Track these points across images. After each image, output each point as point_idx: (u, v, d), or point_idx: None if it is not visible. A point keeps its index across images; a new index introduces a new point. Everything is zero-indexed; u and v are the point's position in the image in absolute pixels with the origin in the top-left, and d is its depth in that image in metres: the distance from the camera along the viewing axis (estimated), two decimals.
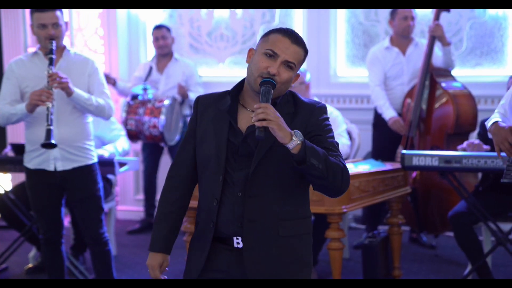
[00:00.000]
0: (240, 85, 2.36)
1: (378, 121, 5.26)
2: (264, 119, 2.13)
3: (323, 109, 2.35)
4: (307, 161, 2.15)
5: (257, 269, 2.29)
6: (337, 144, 2.33)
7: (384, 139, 5.24)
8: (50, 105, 3.51)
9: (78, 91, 3.65)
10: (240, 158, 2.29)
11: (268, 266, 2.29)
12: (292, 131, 2.16)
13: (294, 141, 2.14)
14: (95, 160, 3.87)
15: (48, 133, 3.48)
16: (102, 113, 3.77)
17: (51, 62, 3.60)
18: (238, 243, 2.31)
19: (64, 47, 3.77)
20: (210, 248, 2.34)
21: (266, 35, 2.31)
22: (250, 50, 2.35)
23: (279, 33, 2.28)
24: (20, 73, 3.71)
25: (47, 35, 3.63)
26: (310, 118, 2.31)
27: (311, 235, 2.38)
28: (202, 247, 2.36)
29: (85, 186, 3.78)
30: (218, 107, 2.34)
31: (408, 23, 5.17)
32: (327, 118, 2.35)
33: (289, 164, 2.22)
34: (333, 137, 2.33)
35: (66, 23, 3.74)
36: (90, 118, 3.85)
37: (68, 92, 3.61)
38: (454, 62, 5.13)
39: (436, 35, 5.01)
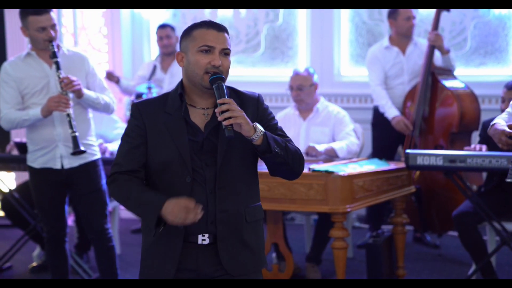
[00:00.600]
0: (181, 87, 2.37)
1: (378, 120, 5.26)
2: (230, 117, 2.19)
3: (262, 98, 2.44)
4: (272, 151, 2.25)
5: (231, 257, 2.34)
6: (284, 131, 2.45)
7: (384, 139, 5.24)
8: (70, 111, 3.54)
9: (87, 92, 3.67)
10: (205, 156, 2.32)
11: (240, 252, 2.36)
12: (254, 124, 2.24)
13: (257, 133, 2.23)
14: (99, 155, 3.89)
15: (75, 140, 3.53)
16: (107, 109, 3.82)
17: (58, 66, 3.60)
18: (203, 239, 2.33)
19: (58, 45, 3.76)
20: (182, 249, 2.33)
21: (188, 34, 2.33)
22: (178, 54, 2.36)
23: (202, 27, 2.31)
24: (17, 75, 3.69)
25: (47, 38, 3.62)
26: (258, 108, 2.40)
27: (262, 219, 2.48)
28: (171, 249, 2.33)
29: (91, 181, 3.79)
30: (165, 111, 2.34)
31: (411, 23, 5.17)
32: (267, 106, 2.45)
33: (249, 152, 2.33)
34: (277, 123, 2.43)
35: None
36: (90, 114, 3.87)
37: (79, 94, 3.63)
38: (454, 67, 5.13)
39: (435, 45, 5.01)
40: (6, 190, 4.62)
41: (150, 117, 2.35)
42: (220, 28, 2.32)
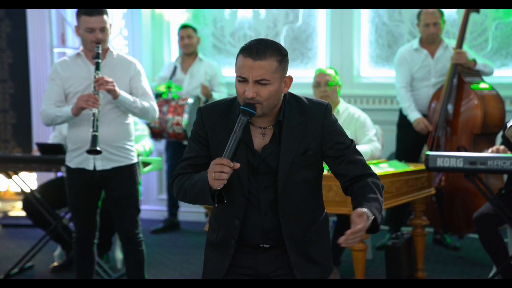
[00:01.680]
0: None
1: (403, 121, 5.24)
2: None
3: (330, 108, 2.35)
4: (379, 230, 2.24)
5: (301, 269, 2.36)
6: (354, 143, 2.40)
7: (409, 140, 5.22)
8: (96, 111, 3.55)
9: (123, 94, 3.68)
10: (260, 177, 2.31)
11: (308, 268, 2.37)
12: (365, 211, 2.14)
13: (369, 222, 2.15)
14: (135, 160, 3.86)
15: (94, 139, 3.52)
16: (146, 115, 3.79)
17: (98, 67, 3.63)
18: (264, 245, 2.37)
19: (108, 49, 3.78)
20: (236, 251, 2.38)
21: (236, 57, 2.27)
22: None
23: (241, 54, 2.23)
24: (65, 74, 3.74)
25: (94, 39, 3.66)
26: (323, 123, 2.31)
27: (328, 221, 2.48)
28: (223, 256, 2.39)
29: (123, 186, 3.78)
30: (227, 125, 2.31)
31: (430, 30, 5.14)
32: (335, 118, 2.38)
33: (312, 176, 2.32)
34: (347, 136, 2.37)
35: (110, 25, 3.76)
36: (130, 119, 3.86)
37: (114, 95, 3.64)
38: (487, 69, 5.10)
39: (460, 63, 4.97)
40: (27, 190, 4.67)
41: (212, 127, 2.33)
42: (258, 56, 2.19)
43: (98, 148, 3.53)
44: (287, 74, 2.29)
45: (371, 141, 4.57)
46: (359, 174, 2.34)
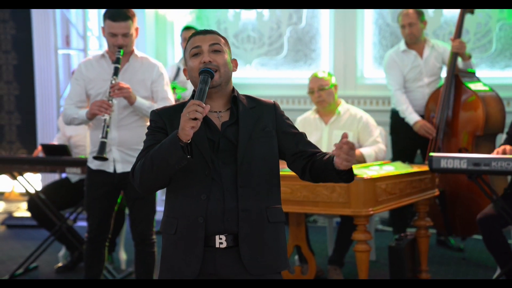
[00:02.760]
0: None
1: (396, 124, 5.25)
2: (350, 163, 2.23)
3: (278, 105, 2.50)
4: (353, 177, 2.33)
5: (254, 258, 2.34)
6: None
7: (403, 143, 5.23)
8: (107, 117, 3.57)
9: (139, 100, 3.69)
10: (221, 154, 2.35)
11: (262, 253, 2.36)
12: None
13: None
14: None
15: (102, 146, 3.54)
16: None
17: (116, 73, 3.65)
18: (221, 242, 2.33)
19: (132, 51, 3.80)
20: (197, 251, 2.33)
21: (185, 48, 2.45)
22: (184, 70, 2.46)
23: (191, 37, 2.43)
24: (88, 74, 3.78)
25: (116, 44, 3.69)
26: (276, 113, 2.45)
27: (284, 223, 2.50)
28: (192, 247, 2.33)
29: None
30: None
31: (406, 31, 5.17)
32: (283, 112, 2.50)
33: (270, 154, 2.39)
34: (296, 128, 2.49)
35: (137, 29, 3.77)
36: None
37: (130, 101, 3.67)
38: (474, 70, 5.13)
39: (459, 52, 4.98)
40: (32, 191, 4.69)
41: (170, 121, 2.40)
42: (206, 32, 2.42)
43: (105, 155, 3.55)
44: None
45: (375, 142, 4.57)
46: (318, 151, 2.43)
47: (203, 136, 2.34)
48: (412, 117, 5.09)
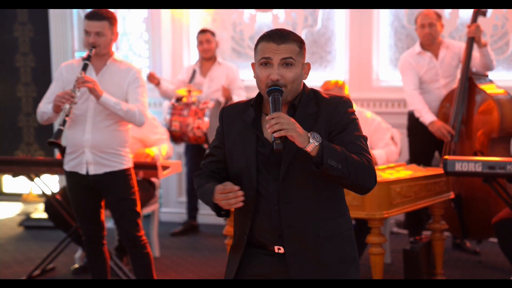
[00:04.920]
0: (257, 96, 2.37)
1: (413, 125, 5.23)
2: (280, 129, 2.13)
3: (348, 103, 2.32)
4: (324, 163, 2.14)
5: (302, 272, 2.29)
6: (365, 138, 2.33)
7: (421, 144, 5.21)
8: (67, 106, 3.56)
9: (106, 95, 3.69)
10: (272, 169, 2.29)
11: (312, 269, 2.29)
12: (309, 134, 2.16)
13: (311, 143, 2.15)
14: (130, 165, 3.88)
15: (57, 132, 3.52)
16: (132, 118, 3.77)
17: (84, 68, 3.68)
18: (279, 249, 2.32)
19: (112, 54, 3.83)
20: (249, 254, 2.36)
21: (256, 47, 2.33)
22: (252, 64, 2.37)
23: (263, 40, 2.29)
24: (67, 76, 3.80)
25: (88, 42, 3.73)
26: (334, 113, 2.29)
27: (352, 229, 2.38)
28: (236, 256, 2.40)
29: (118, 189, 3.81)
30: (243, 119, 2.35)
31: (425, 31, 5.14)
32: (353, 112, 2.33)
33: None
34: (358, 130, 2.30)
35: (116, 34, 3.79)
36: (127, 126, 3.88)
37: (96, 95, 3.66)
38: (493, 63, 5.05)
39: (475, 36, 4.94)
40: (49, 193, 4.73)
41: (229, 123, 2.38)
42: (282, 40, 2.25)
43: (59, 141, 3.51)
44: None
45: (387, 145, 4.56)
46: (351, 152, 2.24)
47: (253, 150, 2.29)
48: (428, 116, 5.05)
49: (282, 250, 2.31)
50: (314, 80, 6.20)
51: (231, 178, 2.36)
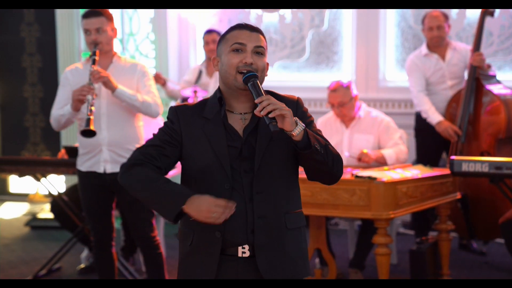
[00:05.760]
0: (219, 92, 2.33)
1: (421, 126, 5.21)
2: (273, 109, 2.12)
3: (301, 101, 2.38)
4: (312, 146, 2.17)
5: (271, 265, 2.26)
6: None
7: (428, 145, 5.19)
8: (90, 97, 3.56)
9: (121, 87, 3.69)
10: (244, 162, 2.26)
11: (281, 261, 2.28)
12: (295, 118, 2.17)
13: (299, 126, 2.16)
14: None
15: (87, 121, 3.51)
16: (148, 109, 3.77)
17: (94, 62, 3.67)
18: (243, 252, 2.27)
19: (114, 54, 3.83)
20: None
21: (223, 37, 2.32)
22: (213, 59, 2.35)
23: (235, 28, 2.30)
24: (74, 79, 3.78)
25: (90, 41, 3.72)
26: (297, 110, 2.32)
27: (305, 227, 2.41)
28: (207, 260, 2.27)
29: None
30: (203, 116, 2.30)
31: (433, 33, 5.12)
32: (307, 109, 2.39)
33: (289, 157, 2.27)
34: (316, 126, 2.37)
35: (114, 30, 3.79)
36: (140, 122, 3.90)
37: (111, 88, 3.66)
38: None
39: (478, 65, 4.94)
40: (55, 193, 4.74)
41: (187, 123, 2.30)
42: (253, 29, 2.29)
43: (92, 128, 3.51)
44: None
45: (396, 144, 4.54)
46: None
47: (224, 145, 2.26)
48: (434, 116, 5.04)
49: (246, 254, 2.27)
50: (321, 80, 6.21)
51: (192, 176, 2.29)
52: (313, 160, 2.21)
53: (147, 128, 4.23)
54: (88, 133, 3.53)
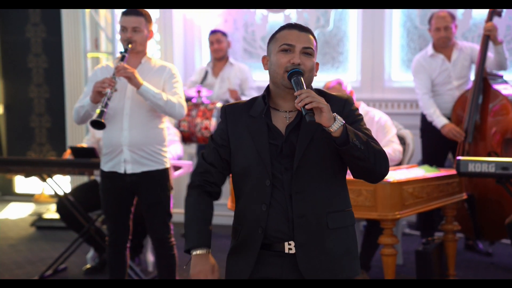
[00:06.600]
0: (267, 91, 2.38)
1: (426, 126, 5.21)
2: (311, 102, 2.14)
3: (352, 100, 2.37)
4: (350, 142, 2.16)
5: (311, 264, 2.28)
6: (370, 132, 2.36)
7: (434, 145, 5.18)
8: (108, 91, 3.55)
9: (147, 85, 3.66)
10: (284, 160, 2.29)
11: (320, 260, 2.28)
12: (334, 114, 2.17)
13: (337, 122, 2.16)
14: (167, 165, 3.84)
15: (101, 112, 3.50)
16: (172, 109, 3.72)
17: (123, 59, 3.66)
18: (290, 248, 2.30)
19: (145, 54, 3.82)
20: (258, 257, 2.32)
21: (273, 37, 2.35)
22: (264, 58, 2.38)
23: (285, 28, 2.32)
24: (102, 76, 3.75)
25: (125, 38, 3.72)
26: (344, 108, 2.32)
27: (354, 226, 2.40)
28: (248, 255, 2.33)
29: (154, 191, 3.78)
30: (249, 114, 2.35)
31: (440, 34, 5.11)
32: (357, 108, 2.37)
33: (330, 156, 2.27)
34: (365, 125, 2.35)
35: (150, 32, 3.78)
36: (164, 124, 3.87)
37: (136, 84, 3.63)
38: (507, 62, 5.03)
39: (490, 35, 4.91)
40: (61, 193, 4.75)
41: (233, 121, 2.36)
42: (303, 29, 2.31)
43: (102, 120, 3.50)
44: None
45: (390, 142, 4.53)
46: None
47: (265, 142, 2.29)
48: (439, 120, 5.04)
49: (293, 251, 2.29)
50: (327, 81, 6.18)
51: (237, 173, 2.36)
52: (353, 156, 2.21)
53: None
54: (98, 124, 3.52)
